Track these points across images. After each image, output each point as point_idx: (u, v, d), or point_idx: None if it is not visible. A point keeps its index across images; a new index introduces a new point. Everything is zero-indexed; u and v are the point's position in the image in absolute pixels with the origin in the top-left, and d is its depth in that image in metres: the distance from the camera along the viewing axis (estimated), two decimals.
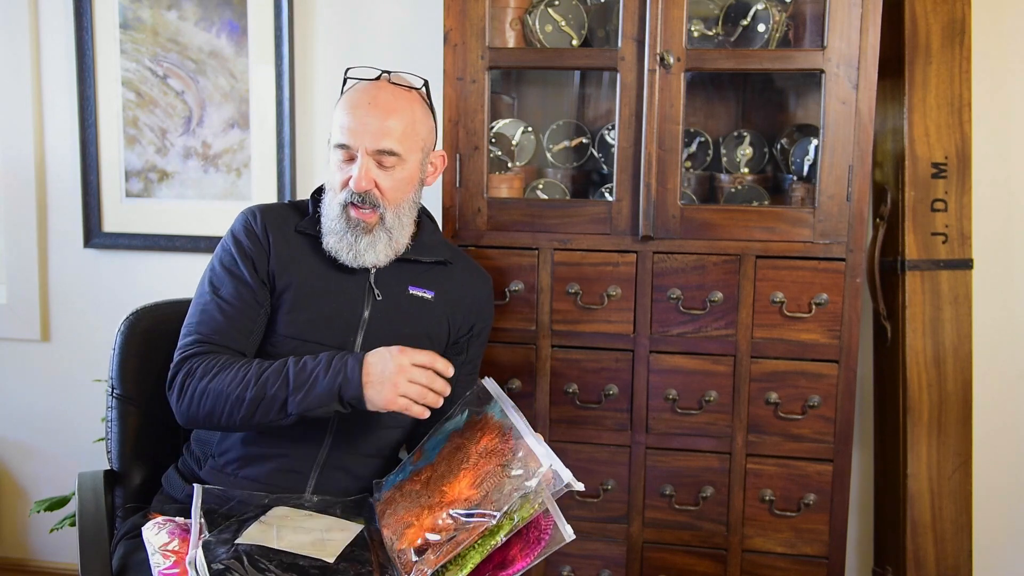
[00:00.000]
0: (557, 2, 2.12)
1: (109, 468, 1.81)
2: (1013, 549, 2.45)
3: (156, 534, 1.51)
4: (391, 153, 1.65)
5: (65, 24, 2.59)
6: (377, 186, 1.66)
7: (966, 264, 2.26)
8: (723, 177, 2.21)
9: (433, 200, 2.11)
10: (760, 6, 2.07)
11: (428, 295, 1.76)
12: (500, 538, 1.39)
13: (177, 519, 1.57)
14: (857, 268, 1.95)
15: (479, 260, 2.01)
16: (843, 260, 1.95)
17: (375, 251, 1.69)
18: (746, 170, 2.24)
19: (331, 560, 1.45)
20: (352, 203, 1.66)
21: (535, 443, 1.47)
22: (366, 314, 1.70)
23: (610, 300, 2.02)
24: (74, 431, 2.73)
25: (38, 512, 2.59)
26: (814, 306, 1.96)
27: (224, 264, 1.69)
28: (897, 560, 2.29)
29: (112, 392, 1.81)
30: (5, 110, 2.65)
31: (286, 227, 1.73)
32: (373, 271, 1.72)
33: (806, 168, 2.15)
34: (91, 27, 2.57)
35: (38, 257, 2.70)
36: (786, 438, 2.00)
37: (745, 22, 2.09)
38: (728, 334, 1.99)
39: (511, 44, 2.14)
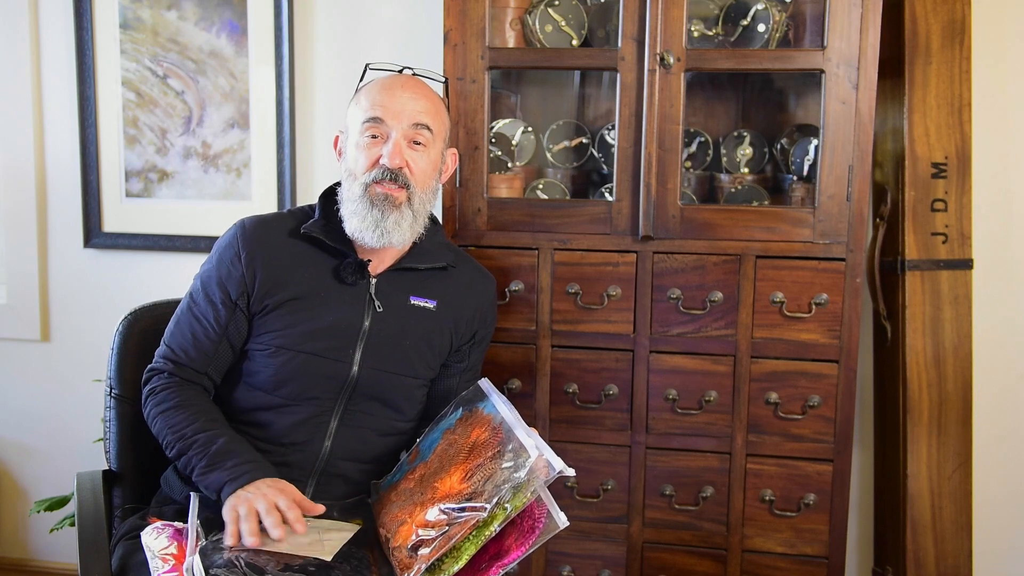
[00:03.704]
0: (557, 2, 2.12)
1: (108, 468, 1.81)
2: (1013, 549, 2.45)
3: (155, 539, 1.51)
4: (427, 128, 1.67)
5: (65, 24, 2.59)
6: (408, 166, 1.66)
7: (966, 264, 2.26)
8: (723, 177, 2.21)
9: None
10: (760, 6, 2.07)
11: (430, 304, 1.74)
12: (494, 529, 1.39)
13: (175, 523, 1.57)
14: (857, 268, 1.95)
15: (479, 260, 2.01)
16: (843, 260, 1.95)
17: (401, 229, 1.66)
18: (746, 170, 2.24)
19: (328, 558, 1.45)
20: (379, 180, 1.65)
21: (524, 435, 1.47)
22: (366, 325, 1.69)
23: (610, 300, 2.02)
24: (74, 431, 2.73)
25: (38, 512, 2.59)
26: (814, 306, 1.96)
27: (204, 281, 1.70)
28: (897, 560, 2.29)
29: (111, 392, 1.81)
30: (5, 110, 2.65)
31: (279, 240, 1.70)
32: (374, 281, 1.71)
33: (806, 168, 2.15)
34: (91, 27, 2.57)
35: (38, 257, 2.69)
36: (786, 438, 2.00)
37: (745, 22, 2.09)
38: (728, 334, 1.99)
39: (511, 44, 2.14)
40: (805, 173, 2.15)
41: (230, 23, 2.52)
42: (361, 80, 1.76)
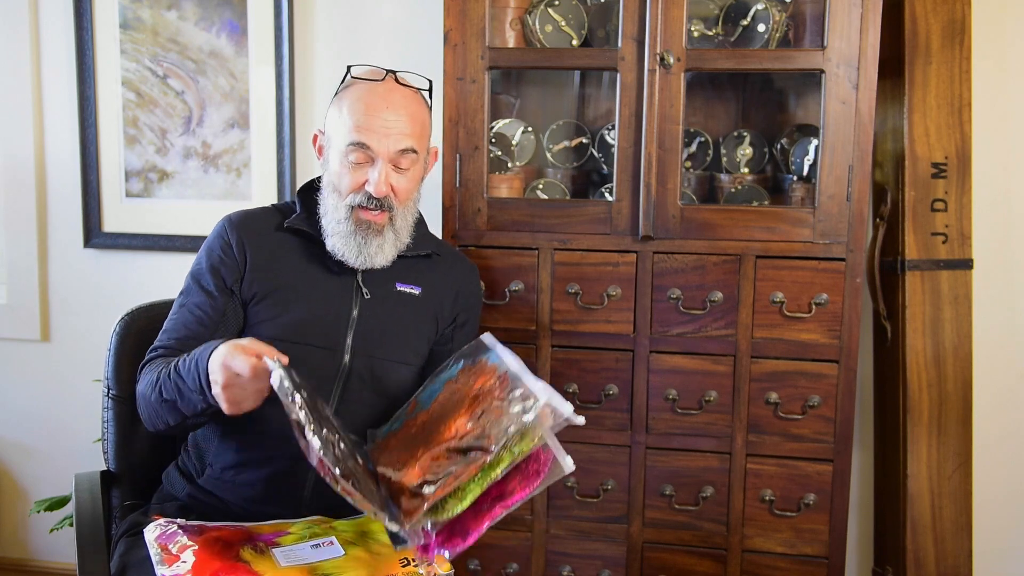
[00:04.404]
0: (557, 2, 2.12)
1: (106, 469, 1.81)
2: (1013, 549, 2.45)
3: (158, 536, 1.51)
4: (412, 151, 1.66)
5: (65, 24, 2.59)
6: (392, 189, 1.66)
7: (966, 264, 2.26)
8: (723, 177, 2.21)
9: (433, 200, 2.11)
10: (760, 6, 2.07)
11: (416, 291, 1.76)
12: (499, 472, 1.38)
13: (178, 520, 1.57)
14: (857, 268, 1.95)
15: (479, 260, 2.01)
16: (843, 260, 1.95)
17: (383, 252, 1.68)
18: (746, 170, 2.24)
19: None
20: (363, 206, 1.65)
21: (532, 380, 1.46)
22: (355, 313, 1.70)
23: (610, 300, 2.02)
24: (74, 431, 2.73)
25: (38, 512, 2.59)
26: (814, 306, 1.96)
27: (194, 275, 1.70)
28: (897, 560, 2.29)
29: (108, 392, 1.81)
30: (5, 110, 2.65)
31: (266, 231, 1.72)
32: (360, 269, 1.72)
33: (806, 168, 2.15)
34: (91, 27, 2.57)
35: (38, 257, 2.70)
36: (786, 438, 2.00)
37: (745, 22, 2.09)
38: (728, 334, 1.99)
39: (511, 44, 2.14)
40: (805, 173, 2.15)
41: (230, 23, 2.52)
42: (343, 81, 1.72)
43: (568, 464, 1.40)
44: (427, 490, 1.38)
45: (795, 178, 2.17)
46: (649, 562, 2.07)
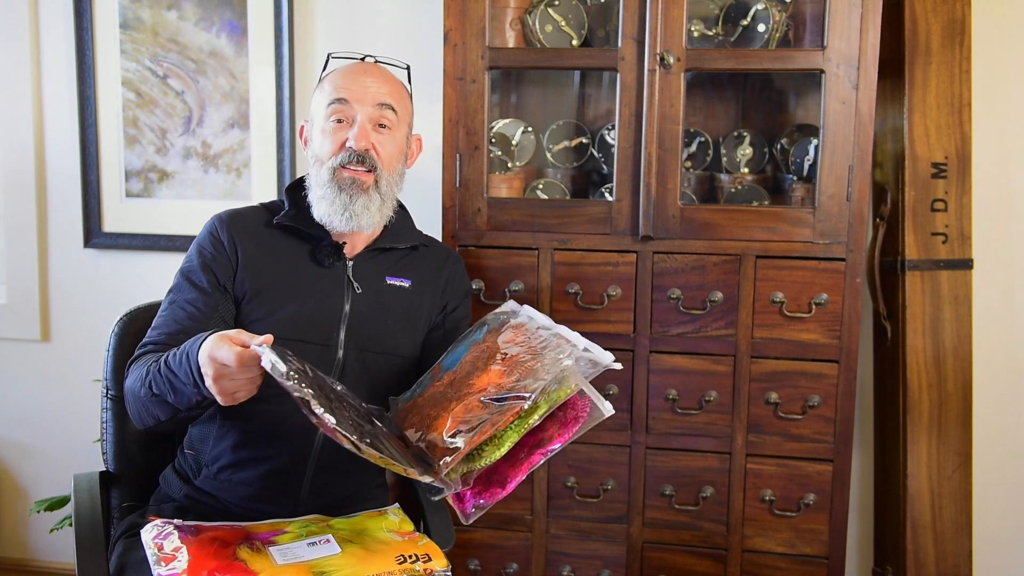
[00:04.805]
0: (557, 2, 2.12)
1: (105, 469, 1.81)
2: (1013, 549, 2.45)
3: (154, 537, 1.51)
4: (391, 108, 1.69)
5: (65, 24, 2.59)
6: (374, 148, 1.68)
7: (966, 264, 2.26)
8: (723, 177, 2.21)
9: (433, 200, 2.12)
10: (760, 6, 2.07)
11: (405, 283, 1.77)
12: (536, 419, 1.37)
13: (175, 520, 1.57)
14: (857, 268, 1.95)
15: (479, 260, 2.01)
16: (843, 260, 1.95)
17: (369, 213, 1.68)
18: (746, 170, 2.24)
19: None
20: (345, 165, 1.67)
21: (567, 331, 1.47)
22: (347, 308, 1.70)
23: (610, 300, 2.02)
24: (74, 431, 2.73)
25: (38, 512, 2.59)
26: (814, 306, 1.96)
27: (185, 272, 1.70)
28: (897, 560, 2.29)
29: (107, 393, 1.81)
30: (5, 110, 2.65)
31: (256, 228, 1.72)
32: (350, 264, 1.72)
33: (806, 168, 2.15)
34: (91, 27, 2.57)
35: (38, 257, 2.70)
36: (786, 438, 2.00)
37: (745, 22, 2.09)
38: (728, 334, 1.99)
39: (511, 44, 2.14)
40: (805, 173, 2.15)
41: (230, 23, 2.52)
42: (324, 69, 1.78)
43: (607, 408, 1.40)
44: (462, 438, 1.36)
45: (795, 178, 2.17)
46: (649, 562, 2.07)
